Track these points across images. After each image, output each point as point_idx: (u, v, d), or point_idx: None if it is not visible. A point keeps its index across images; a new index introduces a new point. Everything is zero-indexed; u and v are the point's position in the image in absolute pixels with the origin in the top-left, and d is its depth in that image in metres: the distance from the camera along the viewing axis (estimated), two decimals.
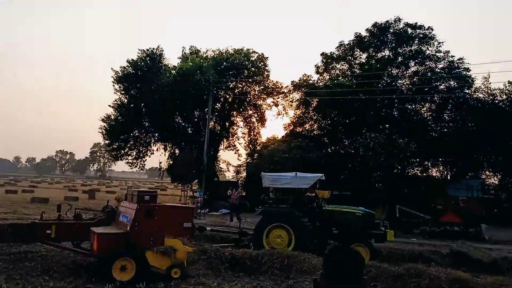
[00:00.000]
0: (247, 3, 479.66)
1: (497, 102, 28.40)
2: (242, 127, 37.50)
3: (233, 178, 36.27)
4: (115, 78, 34.21)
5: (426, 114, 31.11)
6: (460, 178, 26.81)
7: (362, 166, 18.54)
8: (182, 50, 36.69)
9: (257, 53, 35.37)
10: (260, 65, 34.86)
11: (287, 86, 35.02)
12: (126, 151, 34.87)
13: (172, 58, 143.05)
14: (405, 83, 31.12)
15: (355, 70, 32.12)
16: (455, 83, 28.64)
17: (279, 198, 16.69)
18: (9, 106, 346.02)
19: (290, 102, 35.45)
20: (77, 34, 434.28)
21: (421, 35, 30.48)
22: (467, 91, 28.82)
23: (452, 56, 29.86)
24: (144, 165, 36.31)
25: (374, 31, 31.55)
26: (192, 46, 36.94)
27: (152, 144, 35.41)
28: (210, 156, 30.43)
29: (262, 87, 35.10)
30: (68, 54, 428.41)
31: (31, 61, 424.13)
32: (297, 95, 34.78)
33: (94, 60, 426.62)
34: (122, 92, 34.71)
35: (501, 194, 31.09)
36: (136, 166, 35.69)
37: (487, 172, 30.36)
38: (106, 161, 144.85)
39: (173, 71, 32.37)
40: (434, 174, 31.41)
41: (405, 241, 15.44)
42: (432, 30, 30.35)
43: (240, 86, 34.50)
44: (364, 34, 32.12)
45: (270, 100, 36.01)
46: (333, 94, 27.88)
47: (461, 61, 29.37)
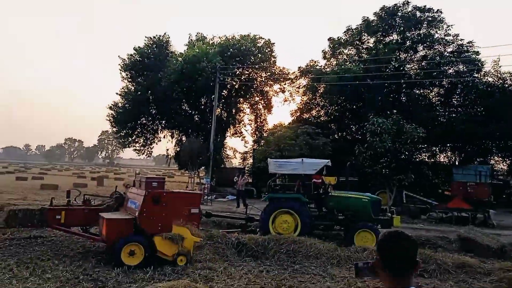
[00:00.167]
0: None
1: (507, 86, 28.01)
2: (248, 114, 37.50)
3: (239, 164, 36.35)
4: (122, 65, 34.29)
5: (434, 99, 30.83)
6: (468, 164, 26.62)
7: (369, 152, 18.43)
8: (189, 37, 36.53)
9: (263, 39, 35.15)
10: (266, 51, 34.58)
11: (294, 72, 34.87)
12: (133, 139, 35.05)
13: (178, 45, 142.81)
14: (413, 68, 30.78)
15: (363, 55, 31.79)
16: (464, 67, 28.25)
17: (286, 184, 16.78)
18: (18, 96, 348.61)
19: (297, 88, 35.28)
20: (84, 21, 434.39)
21: (429, 18, 30.01)
22: (476, 75, 28.44)
23: (461, 39, 29.45)
24: (151, 152, 36.58)
25: (382, 15, 31.10)
26: (198, 33, 36.75)
27: (159, 131, 35.55)
28: (217, 143, 30.43)
29: (269, 74, 34.88)
30: (76, 43, 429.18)
31: (38, 50, 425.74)
32: (304, 81, 34.61)
33: (102, 47, 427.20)
34: (129, 79, 34.83)
35: (510, 180, 30.90)
36: (143, 153, 35.92)
37: (496, 157, 30.13)
38: (114, 148, 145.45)
39: (179, 58, 32.22)
40: (442, 160, 31.26)
41: (412, 226, 15.42)
42: (441, 13, 29.88)
43: (246, 72, 34.30)
44: (372, 18, 31.74)
45: (276, 86, 35.87)
46: (340, 80, 27.68)
47: (470, 44, 28.95)
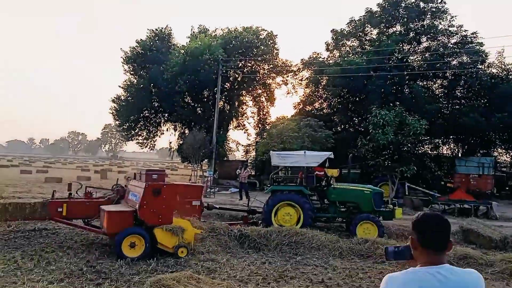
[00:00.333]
0: None
1: (511, 77, 27.82)
2: (251, 107, 37.48)
3: (242, 157, 36.38)
4: (124, 58, 34.30)
5: (437, 91, 30.66)
6: (471, 156, 26.55)
7: (371, 144, 18.38)
8: (191, 29, 36.46)
9: (266, 31, 35.02)
10: (269, 43, 34.41)
11: (297, 65, 34.74)
12: (136, 132, 35.12)
13: (180, 38, 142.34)
14: (416, 59, 30.60)
15: (366, 46, 31.61)
16: (468, 59, 28.05)
17: (288, 176, 16.80)
18: (22, 89, 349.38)
19: (299, 80, 35.20)
20: (87, 15, 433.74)
21: (433, 9, 29.79)
22: (480, 67, 28.24)
23: (465, 30, 29.27)
24: (154, 145, 36.61)
25: (386, 6, 30.87)
26: (200, 25, 36.66)
27: (162, 124, 35.58)
28: (220, 136, 30.43)
29: (271, 66, 34.76)
30: (78, 36, 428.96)
31: (42, 44, 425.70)
32: (306, 74, 34.49)
33: (105, 40, 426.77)
34: (132, 72, 34.83)
35: None
36: (146, 146, 35.98)
37: (499, 149, 30.02)
38: (118, 141, 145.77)
39: (182, 51, 32.16)
40: (445, 152, 31.17)
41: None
42: (445, 3, 29.68)
43: (249, 65, 34.20)
44: (375, 9, 31.54)
45: (279, 79, 35.81)
46: (343, 72, 27.55)
47: (474, 35, 28.74)
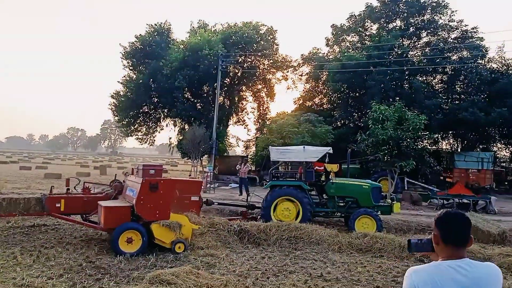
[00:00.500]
0: None
1: (511, 72, 27.77)
2: (251, 102, 37.47)
3: (242, 152, 36.37)
4: (124, 53, 34.20)
5: (437, 86, 30.61)
6: (470, 151, 26.57)
7: (371, 139, 18.38)
8: (190, 25, 36.40)
9: (266, 26, 34.90)
10: (269, 38, 34.31)
11: (297, 60, 34.72)
12: (136, 127, 35.06)
13: (180, 33, 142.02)
14: (416, 55, 30.54)
15: (366, 42, 31.53)
16: (468, 54, 28.00)
17: (287, 171, 16.81)
18: (21, 86, 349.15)
19: (299, 76, 35.18)
20: (86, 9, 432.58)
21: (433, 4, 29.70)
22: (480, 62, 28.18)
23: (465, 25, 29.19)
24: (154, 141, 36.53)
25: (386, 1, 30.79)
26: (200, 20, 36.57)
27: (161, 120, 35.46)
28: (220, 131, 30.40)
29: (271, 61, 34.67)
30: (77, 31, 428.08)
31: (39, 38, 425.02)
32: (306, 69, 34.46)
33: (104, 35, 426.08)
34: (131, 68, 34.74)
35: None
36: (146, 142, 35.96)
37: (498, 144, 30.02)
38: (117, 137, 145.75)
39: (181, 46, 32.09)
40: (444, 147, 31.18)
41: (412, 213, 15.45)
42: None
43: (249, 60, 34.11)
44: (375, 4, 31.45)
45: (279, 74, 35.75)
46: (343, 67, 27.49)
47: (475, 30, 28.67)
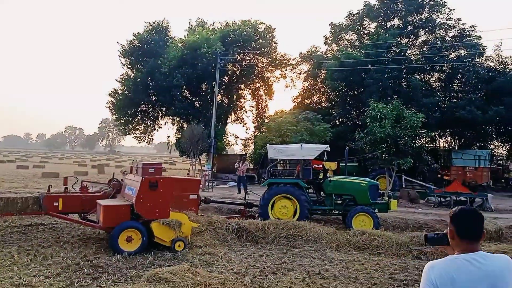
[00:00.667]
0: None
1: (508, 71, 27.86)
2: (250, 100, 37.42)
3: (241, 151, 36.36)
4: (122, 52, 34.11)
5: (435, 84, 30.66)
6: (467, 149, 26.65)
7: (369, 137, 18.44)
8: (189, 23, 36.33)
9: (264, 24, 34.86)
10: (267, 36, 34.29)
11: (295, 58, 34.71)
12: (134, 126, 34.98)
13: (178, 31, 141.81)
14: (414, 53, 30.58)
15: (364, 40, 31.55)
16: (466, 52, 28.05)
17: (285, 169, 16.85)
18: (19, 84, 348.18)
19: (298, 74, 35.18)
20: (83, 6, 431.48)
21: (432, 2, 29.73)
22: (478, 60, 28.25)
23: (463, 23, 29.25)
24: (152, 139, 36.45)
25: None
26: (198, 18, 36.52)
27: (159, 118, 35.38)
28: (218, 129, 30.38)
29: (270, 59, 34.65)
30: (75, 29, 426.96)
31: (37, 37, 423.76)
32: (305, 67, 34.48)
33: (101, 33, 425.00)
34: (129, 66, 34.66)
35: (509, 164, 31.02)
36: (144, 141, 35.87)
37: (495, 142, 30.13)
38: (115, 136, 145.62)
39: (179, 44, 32.04)
40: (442, 145, 31.26)
41: (410, 211, 15.50)
42: None
43: (247, 58, 34.10)
44: (373, 2, 31.48)
45: (278, 72, 35.72)
46: (341, 66, 27.52)
47: (472, 29, 28.74)
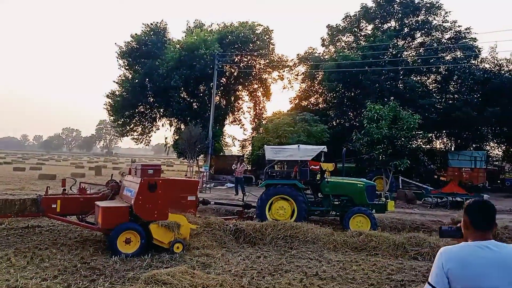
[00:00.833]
0: None
1: (503, 72, 28.03)
2: (247, 101, 37.50)
3: (238, 152, 36.39)
4: (119, 53, 34.13)
5: (431, 85, 30.81)
6: (464, 150, 26.79)
7: (366, 138, 18.52)
8: (187, 24, 36.41)
9: (262, 25, 34.97)
10: (265, 38, 34.37)
11: (292, 59, 34.81)
12: (131, 127, 34.99)
13: (176, 33, 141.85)
14: (410, 55, 30.74)
15: (361, 42, 31.70)
16: (461, 54, 28.25)
17: (283, 170, 16.88)
18: (16, 85, 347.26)
19: (295, 75, 35.28)
20: (81, 8, 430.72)
21: (428, 5, 29.93)
22: (473, 62, 28.44)
23: (459, 26, 29.46)
24: (149, 140, 36.51)
25: (381, 2, 30.99)
26: (196, 19, 36.62)
27: (157, 119, 35.40)
28: (216, 130, 30.40)
29: (267, 61, 34.73)
30: (73, 30, 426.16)
31: (34, 39, 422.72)
32: (302, 69, 34.58)
33: (99, 34, 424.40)
34: (127, 67, 34.66)
35: (504, 165, 31.19)
36: (141, 142, 35.89)
37: (491, 143, 30.29)
38: (112, 138, 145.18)
39: (177, 46, 32.08)
40: (438, 146, 31.41)
41: (407, 211, 15.57)
42: None
43: (245, 59, 34.16)
44: (370, 5, 31.62)
45: (275, 73, 35.81)
46: (338, 67, 27.62)
47: (468, 31, 28.93)
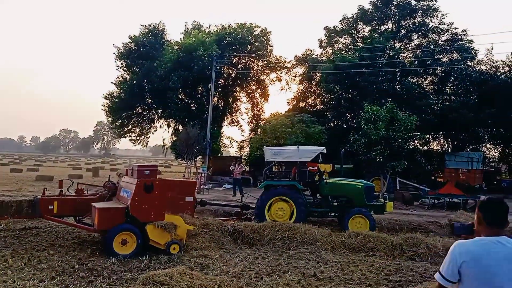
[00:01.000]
0: None
1: (499, 74, 28.15)
2: (245, 103, 37.52)
3: (236, 153, 36.40)
4: (117, 54, 34.14)
5: (428, 87, 30.91)
6: (460, 151, 26.87)
7: (363, 140, 18.55)
8: (185, 26, 36.52)
9: (260, 27, 34.97)
10: (263, 39, 34.36)
11: (290, 61, 34.86)
12: (129, 128, 34.99)
13: (174, 34, 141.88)
14: (407, 57, 30.85)
15: (358, 44, 31.77)
16: (458, 56, 28.37)
17: (282, 171, 16.88)
18: (13, 86, 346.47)
19: (293, 77, 35.34)
20: (78, 9, 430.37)
21: (424, 7, 30.05)
22: (470, 64, 28.57)
23: (455, 28, 29.56)
24: (147, 142, 36.44)
25: (378, 4, 31.09)
26: (194, 21, 36.69)
27: (155, 120, 35.41)
28: (214, 132, 30.39)
29: (265, 62, 34.74)
30: (71, 31, 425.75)
31: (31, 40, 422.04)
32: (300, 70, 34.64)
33: (97, 35, 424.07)
34: (125, 68, 34.68)
35: (501, 166, 31.29)
36: (139, 143, 35.85)
37: (488, 144, 30.41)
38: (110, 139, 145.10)
39: (175, 47, 32.09)
40: (435, 147, 31.51)
41: (404, 212, 15.59)
42: (436, 1, 29.98)
43: (243, 61, 34.17)
44: (367, 7, 31.72)
45: (273, 75, 35.88)
46: (336, 69, 27.68)
47: (464, 33, 29.04)
